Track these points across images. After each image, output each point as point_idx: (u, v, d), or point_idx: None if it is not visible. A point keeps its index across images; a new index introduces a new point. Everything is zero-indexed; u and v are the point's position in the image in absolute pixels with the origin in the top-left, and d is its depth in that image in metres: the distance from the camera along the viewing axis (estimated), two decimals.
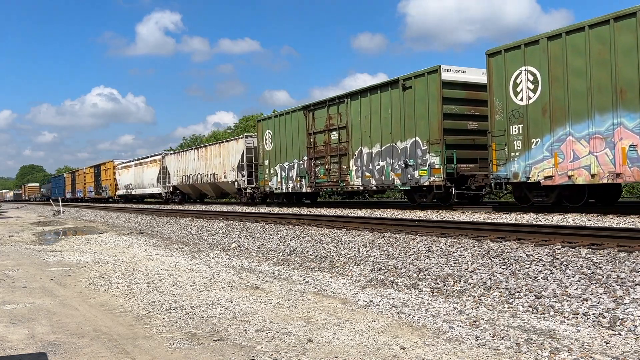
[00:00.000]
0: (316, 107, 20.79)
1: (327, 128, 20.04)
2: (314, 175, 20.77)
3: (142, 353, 4.54)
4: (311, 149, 20.94)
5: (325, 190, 19.98)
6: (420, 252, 8.40)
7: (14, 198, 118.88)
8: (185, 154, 34.18)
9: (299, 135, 21.74)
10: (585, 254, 6.78)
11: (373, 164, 17.73)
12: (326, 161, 20.10)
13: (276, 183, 23.44)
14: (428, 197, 16.17)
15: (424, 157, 15.74)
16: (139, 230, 19.26)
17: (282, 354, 4.40)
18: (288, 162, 22.58)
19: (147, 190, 40.69)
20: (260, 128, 25.25)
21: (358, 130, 18.39)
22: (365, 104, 18.12)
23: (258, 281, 7.90)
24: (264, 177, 24.49)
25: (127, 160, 47.42)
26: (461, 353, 4.27)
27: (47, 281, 8.52)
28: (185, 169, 33.88)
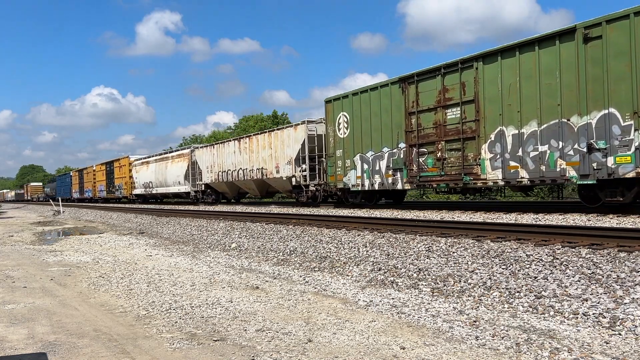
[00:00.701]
0: (421, 78, 15.66)
1: (439, 104, 15.00)
2: (417, 167, 15.77)
3: (142, 353, 4.54)
4: (412, 133, 15.93)
5: (436, 187, 15.19)
6: (420, 252, 8.40)
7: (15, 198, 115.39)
8: (222, 147, 29.31)
9: (391, 117, 16.77)
10: (585, 254, 6.78)
11: (524, 150, 12.80)
12: (437, 148, 15.10)
13: (354, 178, 18.59)
14: (628, 195, 11.27)
15: (625, 136, 10.98)
16: (139, 230, 19.25)
17: (282, 354, 4.40)
18: (373, 152, 17.57)
19: (172, 189, 35.77)
20: (330, 110, 19.97)
21: (496, 103, 13.47)
22: (509, 68, 13.16)
23: (258, 281, 7.90)
24: (335, 171, 19.59)
25: (146, 156, 42.59)
26: (461, 353, 4.28)
27: (47, 281, 8.52)
28: (221, 163, 29.13)
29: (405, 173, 16.32)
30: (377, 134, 17.46)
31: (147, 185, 39.77)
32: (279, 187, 25.08)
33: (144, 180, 40.27)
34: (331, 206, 21.17)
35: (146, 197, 42.08)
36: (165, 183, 36.64)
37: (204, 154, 31.46)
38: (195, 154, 32.71)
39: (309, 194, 22.11)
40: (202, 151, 31.88)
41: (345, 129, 19.18)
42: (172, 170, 35.36)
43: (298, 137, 22.42)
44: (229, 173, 28.34)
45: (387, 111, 16.99)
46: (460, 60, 14.40)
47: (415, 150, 15.98)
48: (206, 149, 31.54)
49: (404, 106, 16.29)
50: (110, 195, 49.54)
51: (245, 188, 28.44)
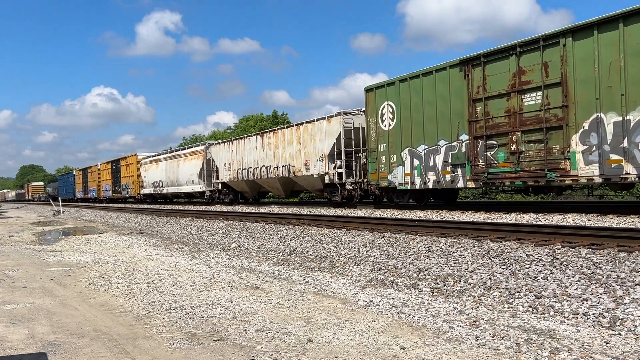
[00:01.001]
0: (489, 59, 13.59)
1: (513, 89, 12.93)
2: (485, 162, 13.68)
3: (142, 353, 4.54)
4: (477, 123, 13.90)
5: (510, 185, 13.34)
6: (420, 252, 8.40)
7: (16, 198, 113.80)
8: (243, 143, 26.99)
9: (449, 105, 14.66)
10: (585, 254, 6.78)
11: (631, 140, 10.78)
12: (511, 140, 13.00)
13: (401, 175, 16.31)
14: None
15: None
16: (139, 230, 19.25)
17: (282, 354, 4.40)
18: (426, 145, 15.36)
19: (184, 188, 33.44)
20: (371, 100, 17.63)
21: (591, 86, 11.46)
22: (609, 43, 11.13)
23: (258, 281, 7.90)
24: (378, 168, 17.24)
25: (156, 153, 40.48)
26: (461, 353, 4.28)
27: (47, 281, 8.52)
28: (241, 161, 26.88)
29: (469, 169, 14.11)
30: (432, 125, 15.25)
31: (157, 185, 37.56)
32: (307, 186, 23.03)
33: (154, 179, 38.05)
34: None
35: (155, 197, 39.95)
36: (177, 182, 34.45)
37: (221, 150, 29.15)
38: (211, 151, 30.51)
39: (344, 194, 19.98)
40: (219, 148, 29.51)
41: (390, 121, 16.82)
42: (185, 168, 33.12)
43: (332, 131, 20.18)
44: (250, 171, 26.05)
45: (444, 99, 14.79)
46: (542, 37, 12.31)
47: (481, 143, 13.77)
48: (224, 145, 29.13)
49: (466, 92, 14.13)
50: (116, 195, 47.35)
51: (267, 187, 26.26)
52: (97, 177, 53.03)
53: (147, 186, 39.55)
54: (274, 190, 25.98)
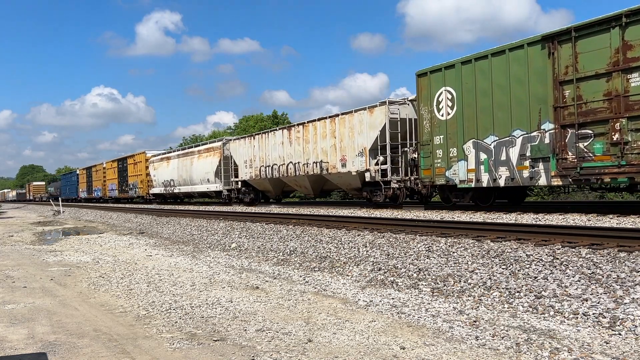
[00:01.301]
0: (582, 34, 11.59)
1: (616, 67, 10.88)
2: (576, 155, 11.59)
3: (142, 353, 4.54)
4: (565, 109, 11.85)
5: (610, 182, 11.56)
6: (420, 252, 8.40)
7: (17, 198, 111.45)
8: (266, 138, 24.54)
9: (527, 88, 12.62)
10: (585, 254, 6.78)
11: None
12: (613, 128, 10.97)
13: (463, 172, 14.15)
14: None
15: None
16: (139, 230, 19.26)
17: (282, 354, 4.40)
18: (497, 136, 13.19)
19: (199, 187, 31.10)
20: (424, 86, 15.45)
21: None
22: None
23: (258, 281, 7.90)
24: (433, 164, 15.02)
25: (166, 151, 38.40)
26: (461, 353, 4.28)
27: (47, 281, 8.52)
28: (264, 157, 24.53)
29: (554, 164, 12.04)
30: (504, 112, 13.15)
31: (168, 184, 35.18)
32: (342, 185, 20.81)
33: (164, 178, 35.74)
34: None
35: (166, 197, 37.66)
36: (190, 181, 32.15)
37: (241, 146, 26.73)
38: (229, 147, 28.08)
39: (389, 193, 17.65)
40: (239, 144, 27.05)
41: (448, 109, 14.60)
42: (200, 166, 30.69)
43: (375, 122, 17.93)
44: (275, 168, 23.70)
45: (521, 81, 12.78)
46: None
47: (571, 133, 11.70)
48: (244, 140, 26.65)
49: (550, 73, 12.10)
50: (123, 195, 45.08)
51: (294, 186, 23.99)
52: (102, 177, 50.85)
53: (156, 185, 37.31)
54: (302, 189, 23.79)
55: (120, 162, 45.41)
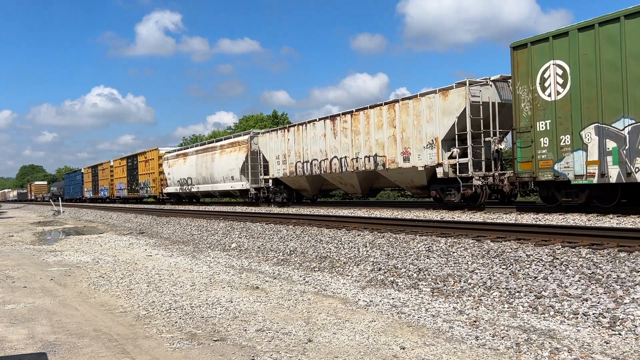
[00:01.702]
0: None
1: None
2: None
3: (142, 353, 4.54)
4: None
5: None
6: (420, 252, 8.40)
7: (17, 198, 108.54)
8: (304, 130, 21.79)
9: None
10: (585, 254, 6.78)
11: None
12: None
13: (581, 164, 11.55)
14: None
15: None
16: (139, 230, 19.26)
17: (282, 354, 4.40)
18: (633, 119, 10.58)
19: (221, 186, 28.47)
20: (522, 61, 12.81)
21: None
22: None
23: (258, 281, 7.90)
24: (535, 155, 12.43)
25: (182, 147, 36.27)
26: (461, 353, 4.28)
27: (47, 281, 8.53)
28: (301, 152, 21.85)
29: None
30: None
31: (184, 183, 32.47)
32: (402, 182, 17.92)
33: (180, 176, 33.05)
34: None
35: (181, 197, 35.23)
36: (210, 179, 29.51)
37: (272, 140, 24.04)
38: (257, 142, 25.47)
39: (468, 191, 14.74)
40: (270, 137, 24.36)
41: (558, 87, 11.95)
42: (223, 162, 27.96)
43: (450, 108, 15.15)
44: (314, 164, 21.01)
45: None
46: None
47: None
48: (276, 134, 23.95)
49: None
50: (132, 195, 42.17)
51: (338, 183, 20.98)
52: (110, 175, 48.08)
53: (171, 184, 34.58)
54: (347, 187, 20.72)
55: (130, 159, 42.38)
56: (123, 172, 44.21)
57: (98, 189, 52.17)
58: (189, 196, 34.58)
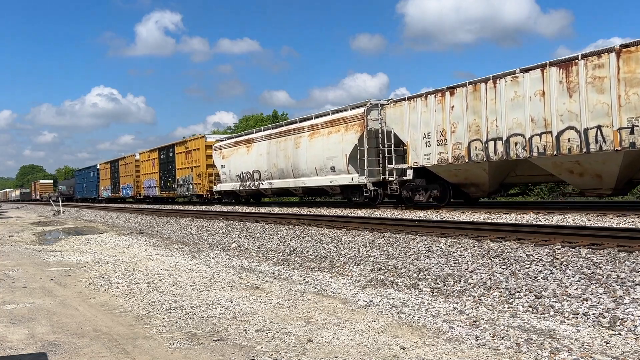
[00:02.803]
0: None
1: None
2: None
3: (142, 353, 4.54)
4: None
5: None
6: (420, 252, 8.40)
7: (20, 198, 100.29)
8: (483, 91, 13.85)
9: None
10: (585, 254, 6.78)
11: None
12: None
13: None
14: None
15: None
16: (139, 230, 19.26)
17: (282, 354, 4.40)
18: None
19: (312, 180, 20.61)
20: None
21: None
22: None
23: (258, 281, 7.90)
24: None
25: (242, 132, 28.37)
26: (461, 353, 4.28)
27: (47, 281, 8.53)
28: (483, 124, 13.89)
29: None
30: None
31: (247, 178, 25.23)
32: None
33: (241, 169, 25.80)
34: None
35: (242, 196, 27.82)
36: (293, 171, 21.67)
37: (415, 111, 16.12)
38: (381, 116, 17.84)
39: None
40: (409, 107, 16.37)
41: None
42: (316, 148, 20.21)
43: None
44: (513, 142, 13.02)
45: None
46: None
47: None
48: (422, 101, 15.86)
49: None
50: (167, 194, 35.33)
51: (559, 172, 12.62)
52: (134, 171, 40.76)
53: (226, 180, 27.40)
54: (579, 178, 12.33)
55: (164, 151, 35.17)
56: (153, 166, 36.68)
57: (119, 187, 44.92)
58: (253, 195, 27.31)
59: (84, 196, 57.33)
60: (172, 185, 33.87)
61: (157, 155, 36.50)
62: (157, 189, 36.53)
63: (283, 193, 25.07)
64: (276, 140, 23.22)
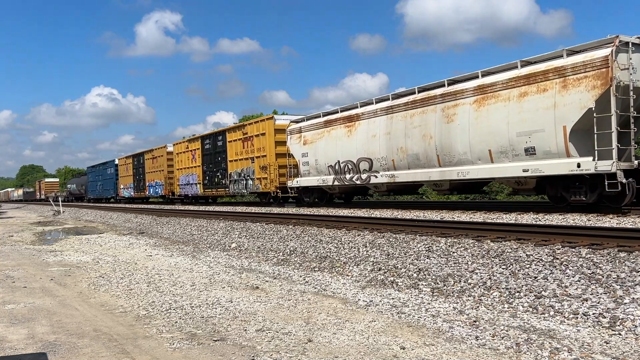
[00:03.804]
0: None
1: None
2: None
3: (142, 353, 4.54)
4: None
5: None
6: (420, 252, 8.40)
7: (23, 197, 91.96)
8: None
9: None
10: (585, 254, 6.78)
11: None
12: None
13: None
14: None
15: None
16: (139, 230, 19.25)
17: (282, 354, 4.40)
18: None
19: (480, 169, 13.45)
20: None
21: None
22: None
23: (258, 281, 7.90)
24: None
25: (337, 109, 19.58)
26: (461, 353, 4.28)
27: (47, 281, 8.52)
28: None
29: None
30: None
31: (347, 169, 18.41)
32: None
33: (336, 157, 18.94)
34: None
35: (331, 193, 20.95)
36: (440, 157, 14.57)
37: None
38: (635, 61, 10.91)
39: None
40: None
41: None
42: (493, 119, 13.06)
43: None
44: None
45: None
46: None
47: None
48: None
49: None
50: (211, 192, 28.93)
51: None
52: (165, 166, 34.41)
53: (310, 172, 20.64)
54: None
55: (210, 140, 28.69)
56: (193, 159, 30.48)
57: (144, 184, 38.16)
58: (353, 191, 21.05)
59: (98, 196, 50.56)
60: (221, 181, 27.28)
61: (199, 146, 29.47)
62: (199, 186, 29.87)
63: (409, 189, 18.22)
64: (403, 114, 16.01)
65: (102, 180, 49.27)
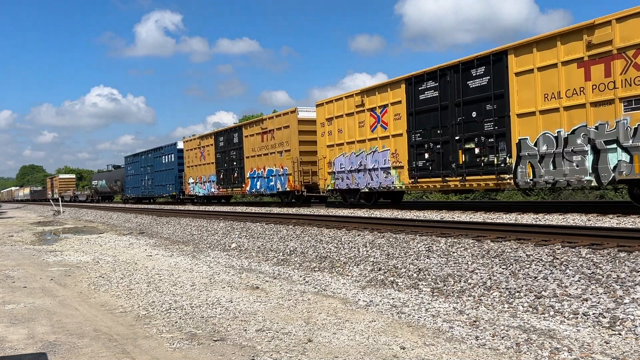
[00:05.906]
0: None
1: None
2: None
3: (142, 353, 4.54)
4: None
5: None
6: (420, 252, 8.40)
7: (31, 197, 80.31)
8: None
9: None
10: (585, 254, 6.78)
11: None
12: None
13: None
14: None
15: None
16: (139, 230, 19.25)
17: (282, 354, 4.40)
18: None
19: None
20: None
21: None
22: None
23: (258, 281, 7.90)
24: None
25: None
26: (461, 353, 4.28)
27: (47, 281, 8.52)
28: None
29: None
30: None
31: None
32: None
33: None
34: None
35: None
36: None
37: None
38: None
39: None
40: None
41: None
42: None
43: None
44: None
45: None
46: None
47: None
48: None
49: None
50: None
51: None
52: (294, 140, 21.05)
53: None
54: None
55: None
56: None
57: (243, 176, 24.60)
58: None
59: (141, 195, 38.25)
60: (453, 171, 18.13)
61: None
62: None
63: None
64: None
65: (152, 173, 35.81)
